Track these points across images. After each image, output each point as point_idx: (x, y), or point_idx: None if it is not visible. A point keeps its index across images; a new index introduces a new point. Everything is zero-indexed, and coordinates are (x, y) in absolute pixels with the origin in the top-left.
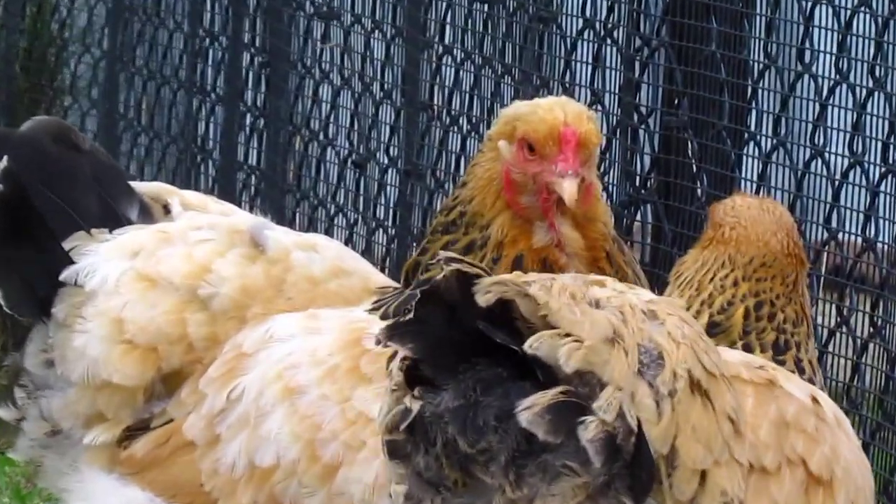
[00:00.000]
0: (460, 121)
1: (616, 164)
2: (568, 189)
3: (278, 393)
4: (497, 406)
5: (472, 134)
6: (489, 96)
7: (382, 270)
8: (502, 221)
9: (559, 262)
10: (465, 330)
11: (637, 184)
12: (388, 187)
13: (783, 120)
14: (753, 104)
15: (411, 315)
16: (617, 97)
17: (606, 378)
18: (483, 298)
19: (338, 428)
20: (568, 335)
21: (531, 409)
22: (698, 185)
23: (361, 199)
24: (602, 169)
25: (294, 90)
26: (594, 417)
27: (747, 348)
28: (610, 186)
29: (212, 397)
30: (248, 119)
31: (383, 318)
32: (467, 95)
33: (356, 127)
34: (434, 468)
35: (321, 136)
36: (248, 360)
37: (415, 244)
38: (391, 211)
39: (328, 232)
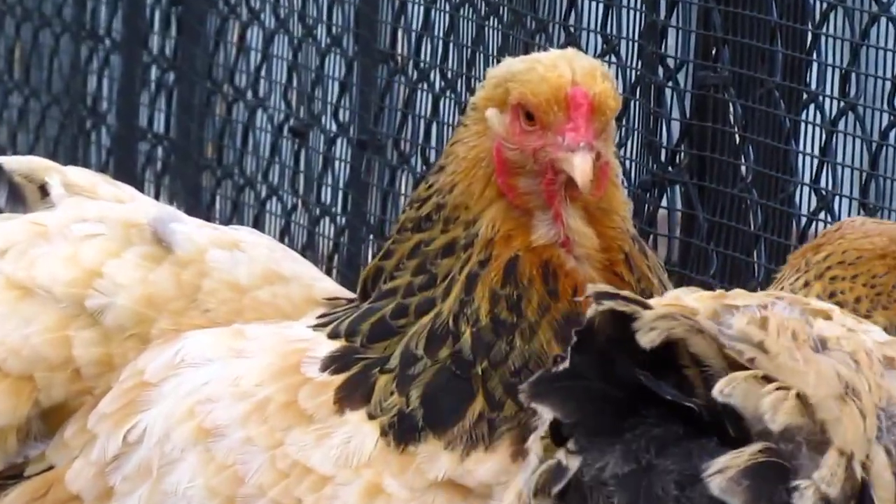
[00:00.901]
0: (432, 76)
1: (635, 134)
2: (580, 166)
3: (190, 435)
4: (677, 470)
5: (448, 93)
6: (469, 44)
7: (329, 272)
8: (493, 214)
9: (565, 266)
10: (624, 382)
11: (663, 159)
12: (337, 162)
13: (853, 76)
14: (815, 55)
15: (566, 366)
16: (637, 46)
17: (839, 440)
18: (646, 339)
19: (266, 482)
20: (767, 379)
21: (724, 474)
22: (742, 160)
23: (302, 177)
24: (617, 140)
25: (213, 34)
26: (810, 482)
27: None
28: (627, 163)
29: (104, 439)
30: (154, 72)
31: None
32: (441, 42)
33: (295, 83)
34: None
35: (249, 96)
36: (151, 392)
37: (371, 237)
38: (341, 194)
39: (258, 221)
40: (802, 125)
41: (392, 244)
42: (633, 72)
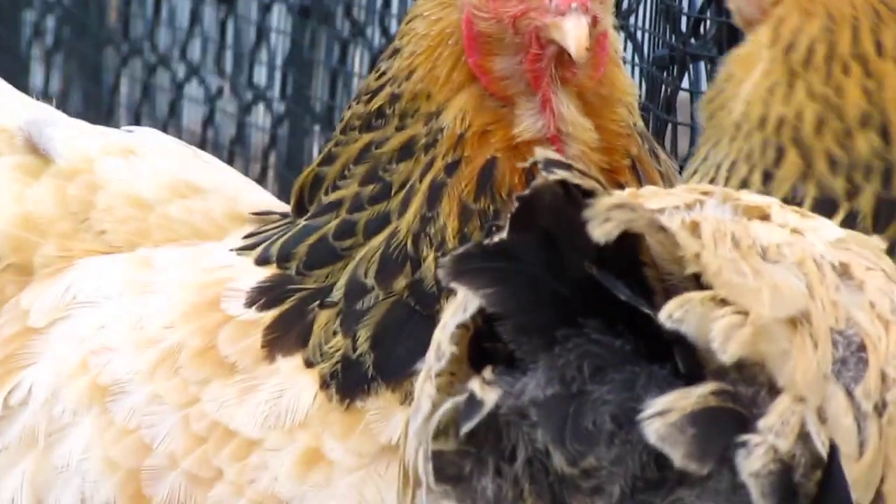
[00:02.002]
0: None
1: None
2: (573, 31)
3: (83, 394)
4: (615, 402)
5: None
6: None
7: (263, 173)
8: (463, 104)
9: None
10: (570, 276)
11: (683, 28)
12: (273, 35)
13: None
14: None
15: (502, 238)
16: None
17: (782, 381)
18: (601, 230)
19: (178, 449)
20: (724, 302)
21: (665, 417)
22: None
23: (229, 54)
24: (625, 6)
25: None
26: (761, 438)
27: None
28: (639, 35)
29: None
30: None
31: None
32: None
33: None
34: (509, 498)
35: None
36: (36, 340)
37: (317, 128)
38: (278, 73)
39: (174, 108)
40: None
41: (335, 146)
42: None
